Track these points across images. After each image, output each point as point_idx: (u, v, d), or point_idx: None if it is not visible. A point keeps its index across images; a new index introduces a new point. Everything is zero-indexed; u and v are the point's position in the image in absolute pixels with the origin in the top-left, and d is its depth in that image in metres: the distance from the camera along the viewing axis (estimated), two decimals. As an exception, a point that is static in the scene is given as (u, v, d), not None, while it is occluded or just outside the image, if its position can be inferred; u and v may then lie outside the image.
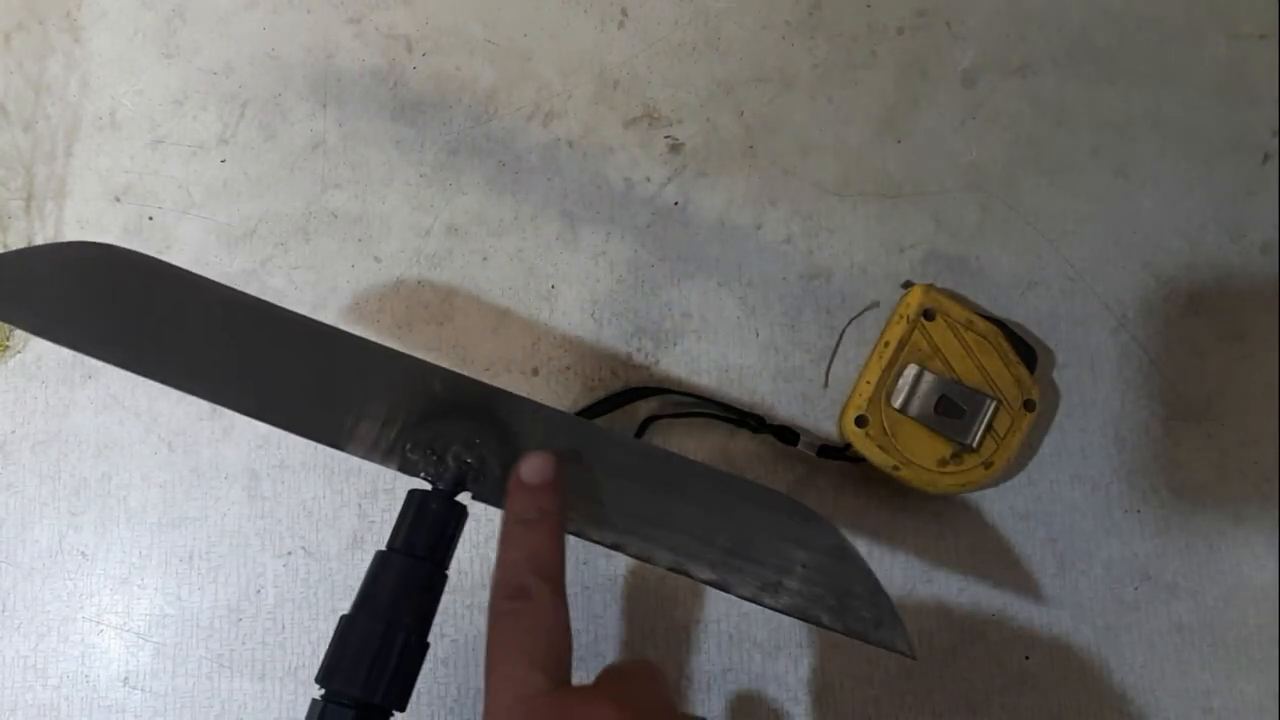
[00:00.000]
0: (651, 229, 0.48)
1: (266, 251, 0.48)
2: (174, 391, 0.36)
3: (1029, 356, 0.46)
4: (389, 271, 0.48)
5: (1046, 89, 0.50)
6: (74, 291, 0.36)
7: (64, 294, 0.36)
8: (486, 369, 0.47)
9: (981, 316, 0.46)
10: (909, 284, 0.47)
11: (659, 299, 0.48)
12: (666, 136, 0.49)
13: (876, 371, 0.45)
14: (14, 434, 0.46)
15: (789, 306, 0.48)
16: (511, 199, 0.48)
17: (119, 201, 0.48)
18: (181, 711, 0.45)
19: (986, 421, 0.44)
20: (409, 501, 0.35)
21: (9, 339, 0.47)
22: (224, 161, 0.48)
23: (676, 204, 0.49)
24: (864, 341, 0.48)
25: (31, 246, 0.39)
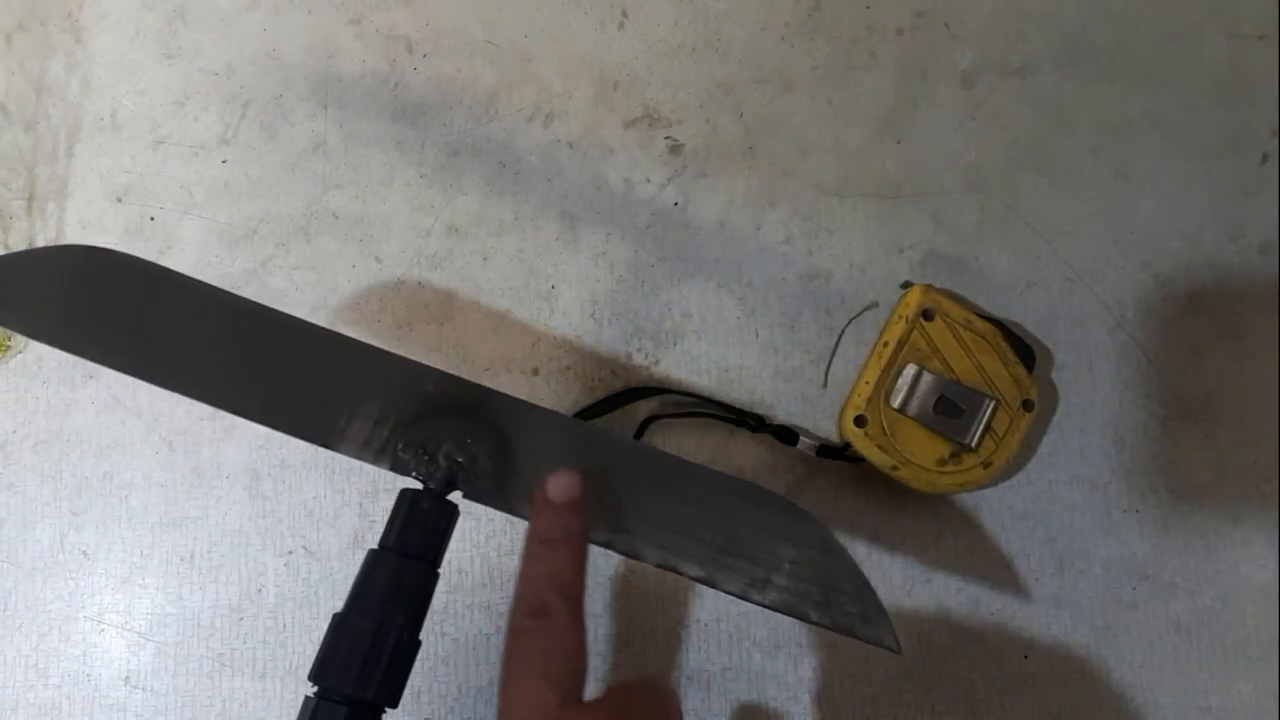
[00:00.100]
0: (651, 229, 0.48)
1: (267, 252, 0.48)
2: (178, 394, 0.36)
3: (1028, 356, 0.46)
4: (389, 272, 0.48)
5: (1046, 89, 0.50)
6: (69, 295, 0.36)
7: (59, 297, 0.36)
8: (486, 369, 0.47)
9: (980, 316, 0.46)
10: (908, 284, 0.47)
11: (659, 299, 0.48)
12: (666, 137, 0.49)
13: (875, 371, 0.45)
14: (15, 434, 0.46)
15: (789, 307, 0.48)
16: (512, 199, 0.49)
17: (120, 202, 0.48)
18: (183, 710, 0.45)
19: (985, 421, 0.44)
20: (400, 500, 0.35)
21: (10, 339, 0.47)
22: (225, 162, 0.49)
23: (676, 205, 0.49)
24: (863, 341, 0.48)
25: (27, 250, 0.39)
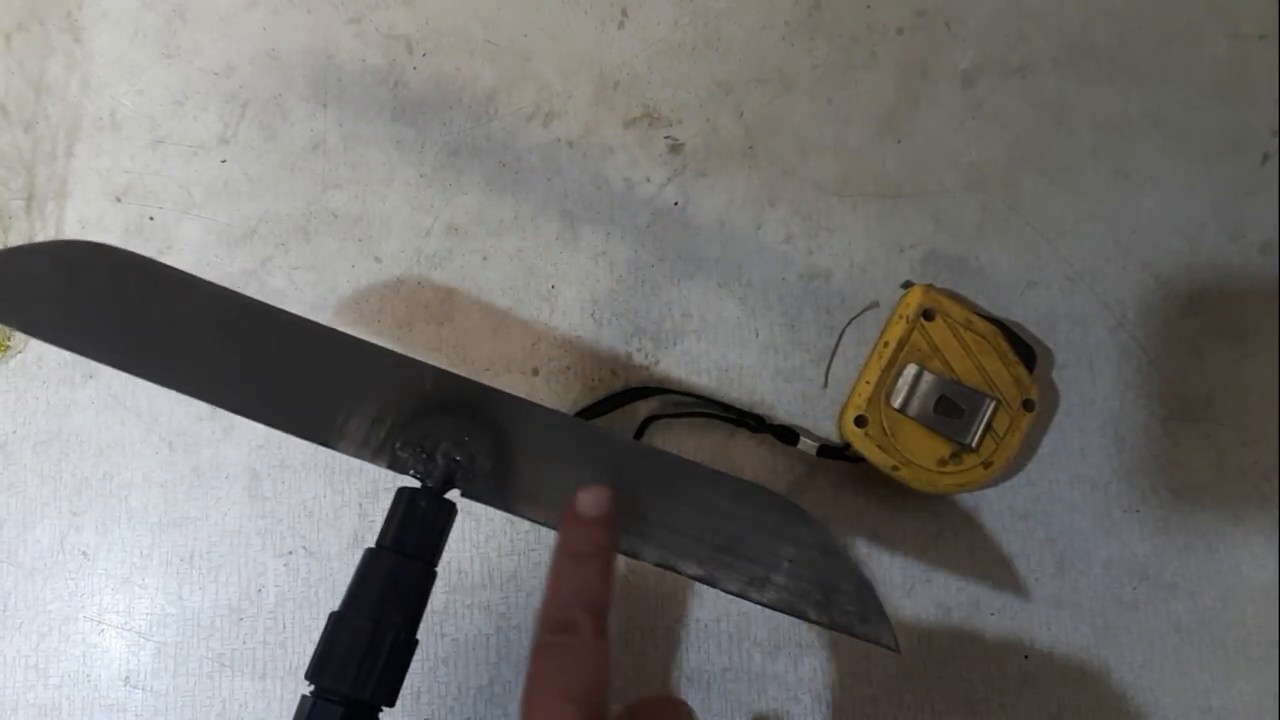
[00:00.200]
0: (651, 229, 0.48)
1: (267, 251, 0.48)
2: (174, 390, 0.36)
3: (1028, 356, 0.46)
4: (389, 271, 0.48)
5: (1046, 89, 0.50)
6: (66, 290, 0.36)
7: (56, 293, 0.36)
8: (486, 369, 0.47)
9: (981, 316, 0.46)
10: (908, 284, 0.47)
11: (659, 299, 0.48)
12: (666, 137, 0.49)
13: (876, 371, 0.45)
14: (15, 434, 0.46)
15: (789, 307, 0.48)
16: (511, 199, 0.48)
17: (120, 202, 0.48)
18: (183, 711, 0.45)
19: (986, 421, 0.44)
20: (398, 499, 0.35)
21: (10, 339, 0.47)
22: (224, 162, 0.49)
23: (676, 204, 0.49)
24: (863, 341, 0.48)
25: (22, 245, 0.39)
